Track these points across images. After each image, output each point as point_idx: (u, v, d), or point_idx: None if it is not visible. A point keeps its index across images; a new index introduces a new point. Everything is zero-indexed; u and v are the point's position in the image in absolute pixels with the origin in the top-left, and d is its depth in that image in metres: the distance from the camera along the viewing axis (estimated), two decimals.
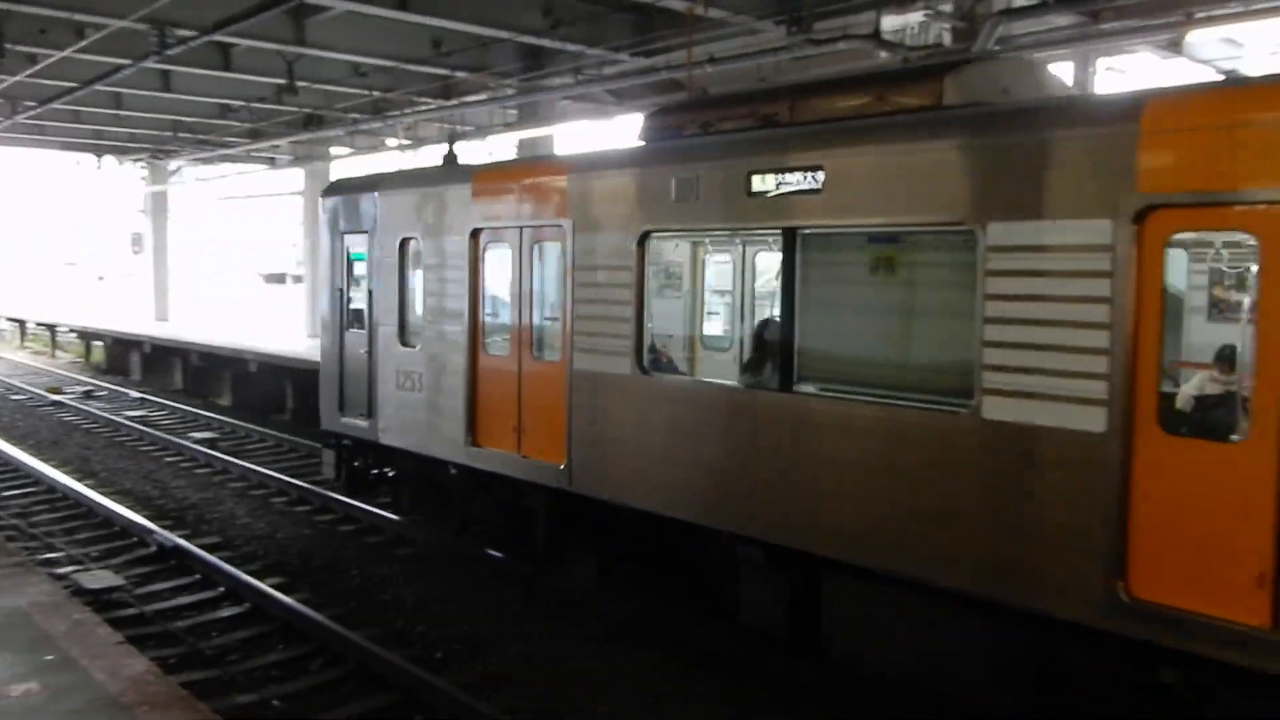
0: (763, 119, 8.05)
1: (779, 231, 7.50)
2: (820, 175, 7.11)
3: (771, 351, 7.96)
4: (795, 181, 7.28)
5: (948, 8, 12.96)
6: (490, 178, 10.03)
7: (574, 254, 8.84)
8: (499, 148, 23.28)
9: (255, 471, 15.42)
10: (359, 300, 11.64)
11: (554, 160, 9.70)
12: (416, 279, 10.77)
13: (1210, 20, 12.04)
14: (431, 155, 22.91)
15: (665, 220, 8.28)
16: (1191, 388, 6.51)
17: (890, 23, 13.53)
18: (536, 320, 9.56)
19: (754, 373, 8.38)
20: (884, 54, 13.37)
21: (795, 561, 7.51)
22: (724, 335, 10.11)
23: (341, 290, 11.89)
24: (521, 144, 22.46)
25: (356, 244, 11.65)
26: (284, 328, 30.25)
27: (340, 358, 11.86)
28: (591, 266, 8.75)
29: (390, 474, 11.91)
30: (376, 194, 11.26)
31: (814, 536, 7.22)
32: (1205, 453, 5.56)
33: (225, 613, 9.68)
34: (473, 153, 19.39)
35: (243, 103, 21.59)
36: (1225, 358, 6.24)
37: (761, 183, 7.51)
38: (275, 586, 10.05)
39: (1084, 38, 13.19)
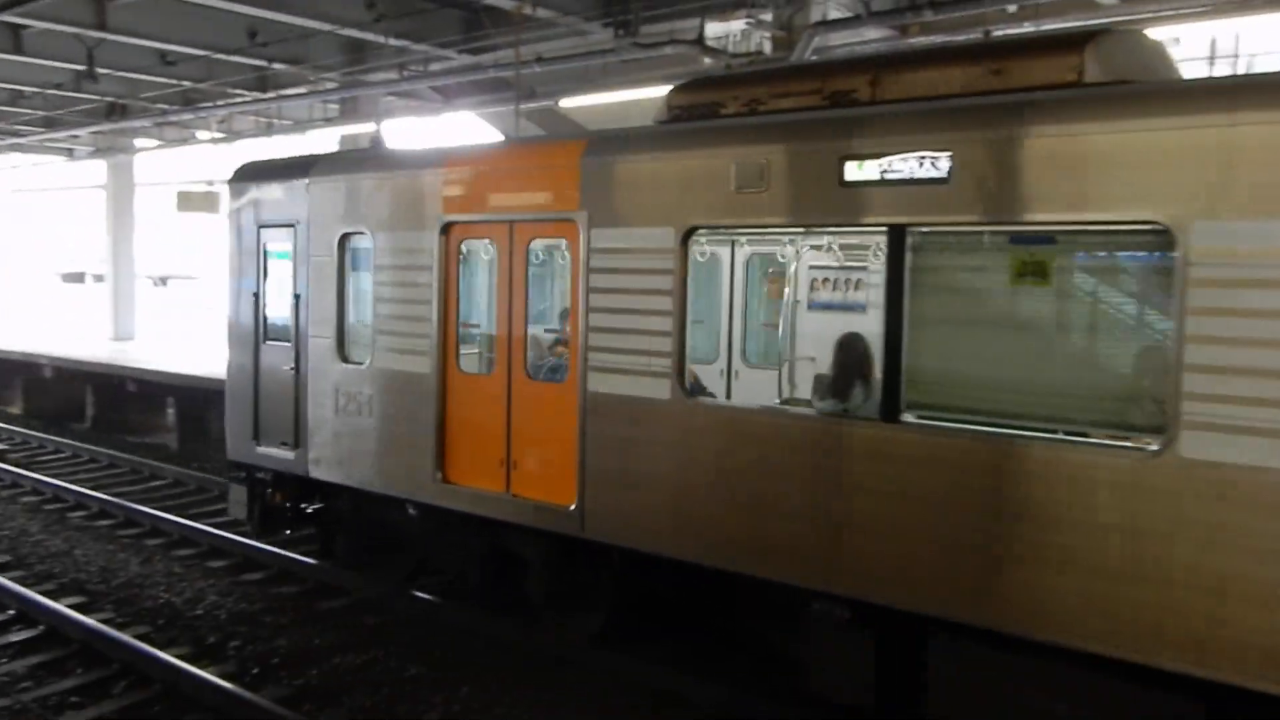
0: (833, 96, 6.90)
1: (882, 229, 6.32)
2: (945, 162, 5.98)
3: (864, 373, 6.91)
4: (908, 169, 6.09)
5: (768, 17, 13.31)
6: (469, 162, 8.55)
7: (589, 253, 7.53)
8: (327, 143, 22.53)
9: (50, 484, 14.34)
10: (281, 307, 9.99)
11: (561, 142, 8.16)
12: (363, 282, 9.40)
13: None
14: (252, 150, 21.93)
15: (720, 214, 7.01)
16: None
17: (714, 29, 13.65)
18: (533, 333, 8.27)
19: (839, 398, 7.10)
20: (707, 60, 13.67)
21: (882, 618, 6.43)
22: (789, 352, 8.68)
23: (257, 295, 10.18)
24: (343, 139, 21.79)
25: (278, 240, 9.99)
26: (84, 330, 28.33)
27: (255, 376, 10.20)
28: (615, 269, 7.42)
29: (309, 510, 10.31)
30: (308, 180, 9.59)
31: (927, 595, 6.09)
32: None
33: (16, 637, 8.92)
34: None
35: (37, 89, 20.09)
36: None
37: (859, 170, 6.31)
38: (73, 606, 9.35)
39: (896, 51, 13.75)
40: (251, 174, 10.64)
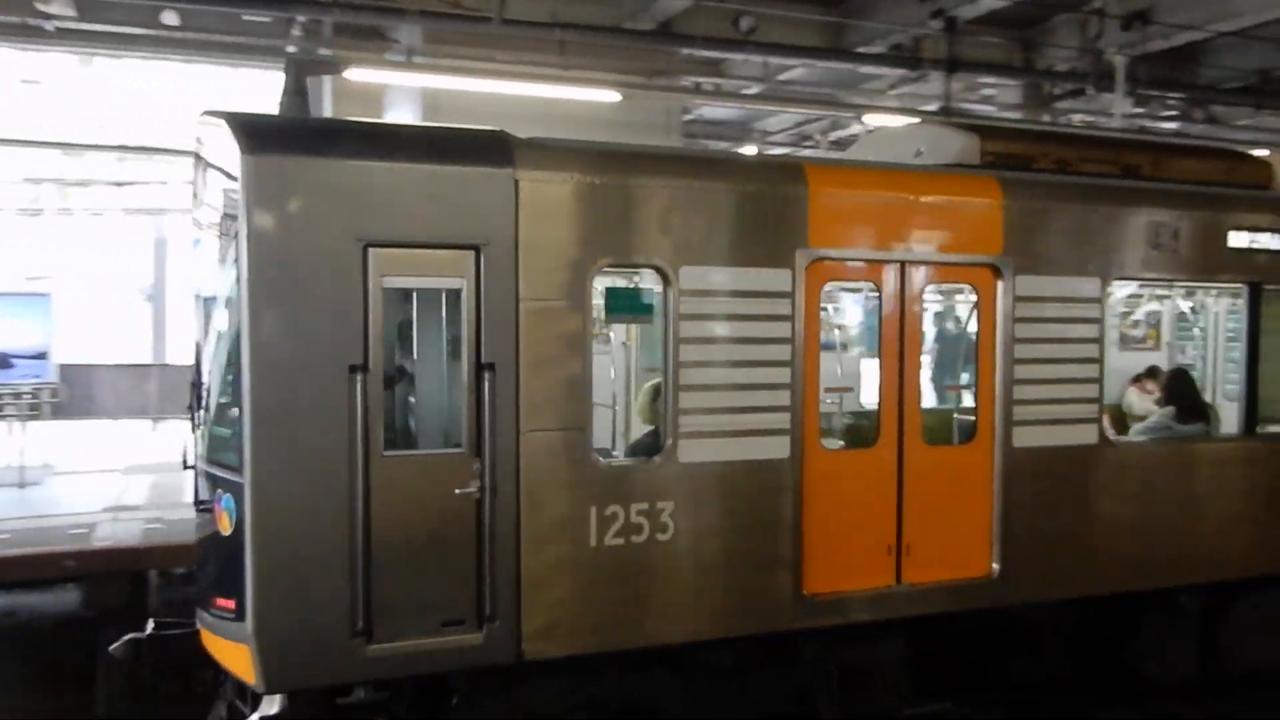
0: (1126, 169, 7.91)
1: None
2: None
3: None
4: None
5: None
6: (850, 183, 6.99)
7: (1014, 302, 7.15)
8: None
9: None
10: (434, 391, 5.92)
11: (972, 179, 7.42)
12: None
13: None
14: None
15: (1138, 268, 7.79)
16: None
17: None
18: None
19: None
20: None
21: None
22: None
23: (362, 371, 5.56)
24: None
25: (426, 270, 5.77)
26: None
27: (361, 518, 5.55)
28: (1041, 318, 7.23)
29: None
30: (516, 172, 5.87)
31: None
32: None
33: None
34: None
35: None
36: None
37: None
38: None
39: None
40: (339, 142, 5.71)
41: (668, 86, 14.68)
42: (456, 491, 5.81)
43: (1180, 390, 8.51)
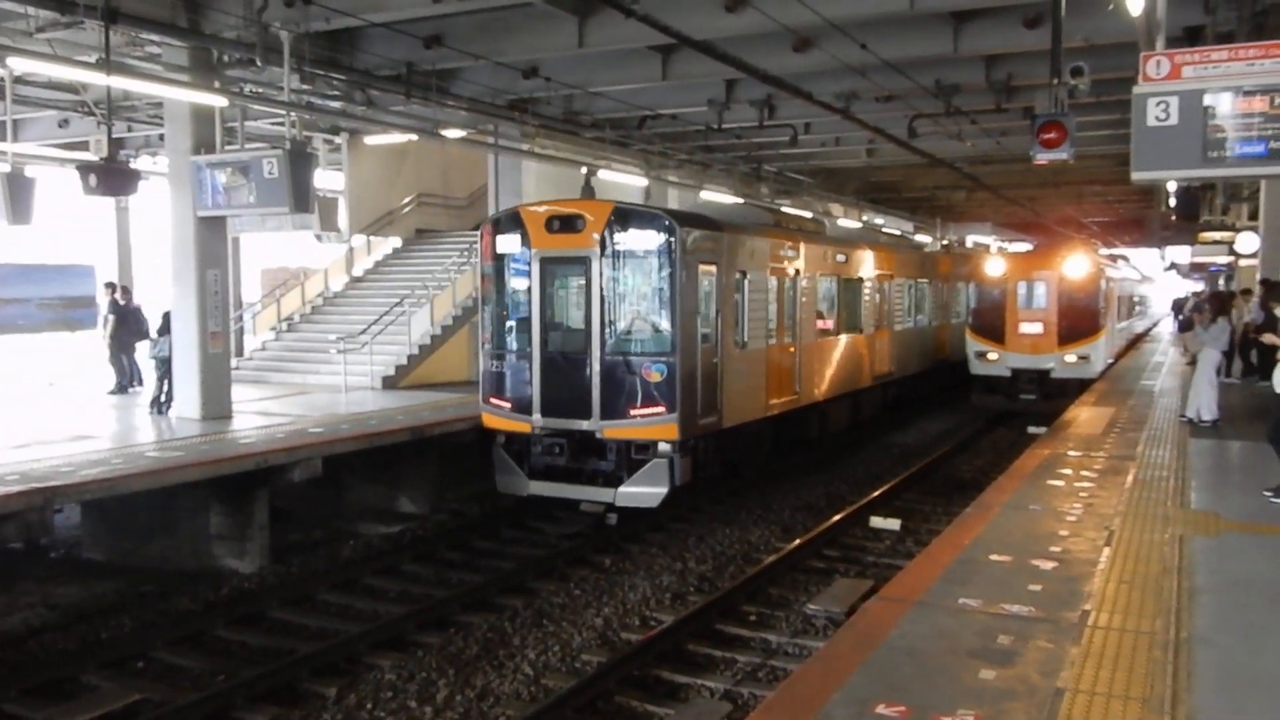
0: None
1: None
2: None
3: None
4: None
5: None
6: (763, 234, 16.77)
7: (802, 283, 16.48)
8: None
9: None
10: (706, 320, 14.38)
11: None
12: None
13: None
14: None
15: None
16: None
17: None
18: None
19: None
20: None
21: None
22: None
23: (697, 313, 14.21)
24: None
25: (707, 271, 14.50)
26: None
27: (697, 365, 14.38)
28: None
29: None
30: (725, 234, 15.10)
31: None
32: None
33: None
34: None
35: None
36: None
37: None
38: None
39: None
40: (687, 220, 14.49)
41: None
42: (713, 361, 14.81)
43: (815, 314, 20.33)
